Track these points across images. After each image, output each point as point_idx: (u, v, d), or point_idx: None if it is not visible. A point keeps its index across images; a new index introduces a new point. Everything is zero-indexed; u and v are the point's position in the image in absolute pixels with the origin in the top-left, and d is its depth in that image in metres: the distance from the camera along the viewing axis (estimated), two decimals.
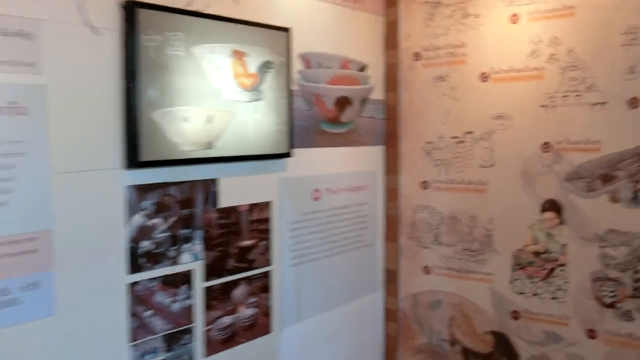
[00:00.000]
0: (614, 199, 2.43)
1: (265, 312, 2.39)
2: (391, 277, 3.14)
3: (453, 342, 2.94)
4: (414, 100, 2.99)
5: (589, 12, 2.44)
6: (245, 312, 2.29)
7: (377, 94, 3.03)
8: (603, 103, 2.43)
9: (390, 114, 3.08)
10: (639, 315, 2.42)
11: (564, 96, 2.52)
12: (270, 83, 2.28)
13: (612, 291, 2.47)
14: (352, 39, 2.84)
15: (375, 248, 3.07)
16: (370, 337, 3.09)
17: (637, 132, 2.36)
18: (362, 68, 2.91)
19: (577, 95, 2.49)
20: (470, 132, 2.80)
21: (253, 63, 2.21)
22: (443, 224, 2.93)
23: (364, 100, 2.93)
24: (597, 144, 2.45)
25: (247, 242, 2.28)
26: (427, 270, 3.01)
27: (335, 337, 2.82)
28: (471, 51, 2.78)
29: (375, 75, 3.01)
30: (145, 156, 1.85)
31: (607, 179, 2.44)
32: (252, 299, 2.32)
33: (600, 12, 2.41)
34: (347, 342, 2.90)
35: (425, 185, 2.98)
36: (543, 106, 2.57)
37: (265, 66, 2.25)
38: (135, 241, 1.89)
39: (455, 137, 2.85)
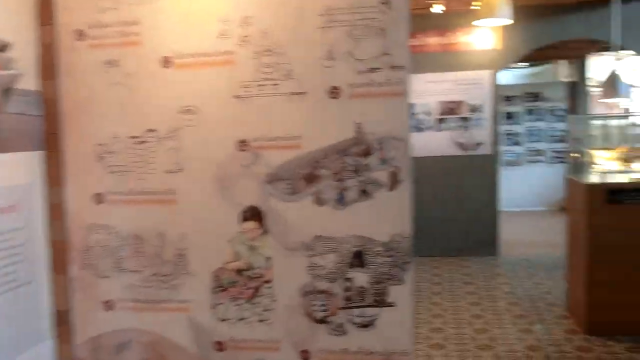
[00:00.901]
0: (319, 201, 2.16)
1: None
2: (63, 320, 2.44)
3: None
4: (79, 91, 2.34)
5: None
6: None
7: (29, 82, 2.29)
8: (302, 93, 2.14)
9: (50, 109, 2.37)
10: (352, 327, 2.20)
11: (260, 85, 2.16)
12: None
13: (323, 305, 2.21)
14: None
15: (37, 285, 2.33)
16: None
17: (339, 126, 2.12)
18: (3, 47, 2.15)
19: (274, 85, 2.15)
20: (153, 130, 2.27)
21: None
22: (125, 246, 2.35)
23: (7, 91, 2.17)
24: (297, 139, 2.16)
25: None
26: (109, 305, 2.39)
27: None
28: (148, 30, 2.25)
29: (24, 58, 2.26)
30: None
31: (310, 179, 2.16)
32: None
33: None
34: None
35: (99, 198, 2.35)
36: (237, 97, 2.18)
37: None
38: None
39: (135, 137, 2.29)
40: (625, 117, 9.53)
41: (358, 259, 2.16)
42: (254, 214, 2.21)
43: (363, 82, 2.09)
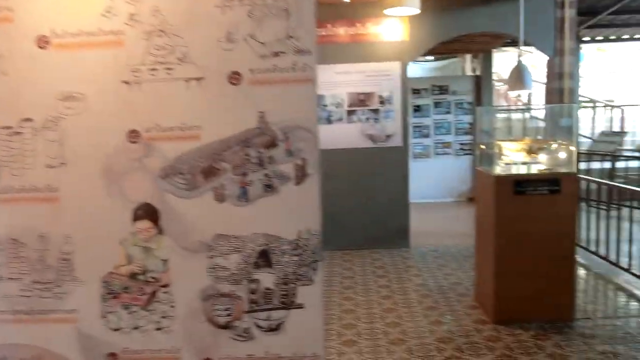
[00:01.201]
0: (220, 197, 1.99)
1: None
2: None
3: None
4: None
5: None
6: None
7: None
8: (199, 79, 1.95)
9: None
10: (258, 332, 2.04)
11: (152, 69, 1.95)
12: None
13: (227, 309, 2.04)
14: None
15: None
16: None
17: (241, 115, 1.95)
18: None
19: (167, 69, 1.95)
20: (29, 120, 2.01)
21: None
22: (1, 251, 2.07)
23: None
24: (196, 130, 1.97)
25: None
26: None
27: None
28: (22, 5, 1.99)
29: None
30: None
31: (210, 172, 1.98)
32: None
33: None
34: None
35: None
36: (126, 82, 1.97)
37: None
38: None
39: (8, 127, 2.02)
40: (529, 109, 9.90)
41: (263, 259, 2.01)
42: (147, 212, 2.01)
43: (266, 67, 1.93)
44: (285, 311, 2.03)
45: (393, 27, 6.04)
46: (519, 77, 5.21)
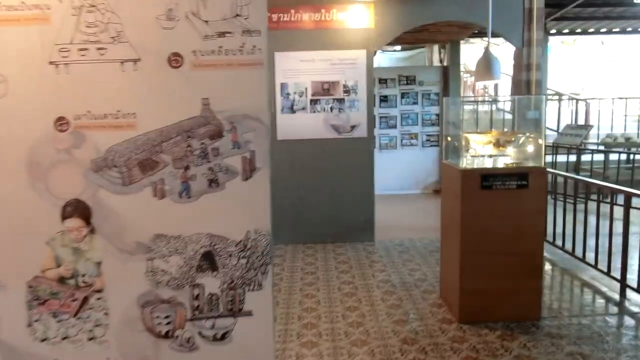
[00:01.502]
0: (159, 193, 1.80)
1: None
2: None
3: None
4: None
5: None
6: None
7: None
8: (136, 60, 1.75)
9: None
10: (203, 341, 1.87)
11: (82, 49, 1.75)
12: None
13: (167, 316, 1.86)
14: None
15: None
16: None
17: (182, 102, 1.76)
18: None
19: (100, 49, 1.75)
20: None
21: None
22: None
23: None
24: (131, 117, 1.78)
25: None
26: None
27: None
28: None
29: None
30: None
31: (148, 166, 1.78)
32: None
33: None
34: None
35: None
36: (53, 63, 1.75)
37: None
38: None
39: None
40: (496, 101, 9.84)
41: (208, 262, 1.83)
42: (77, 210, 1.80)
43: (211, 49, 1.74)
44: (232, 319, 1.86)
45: (359, 14, 5.85)
46: (487, 66, 5.07)
